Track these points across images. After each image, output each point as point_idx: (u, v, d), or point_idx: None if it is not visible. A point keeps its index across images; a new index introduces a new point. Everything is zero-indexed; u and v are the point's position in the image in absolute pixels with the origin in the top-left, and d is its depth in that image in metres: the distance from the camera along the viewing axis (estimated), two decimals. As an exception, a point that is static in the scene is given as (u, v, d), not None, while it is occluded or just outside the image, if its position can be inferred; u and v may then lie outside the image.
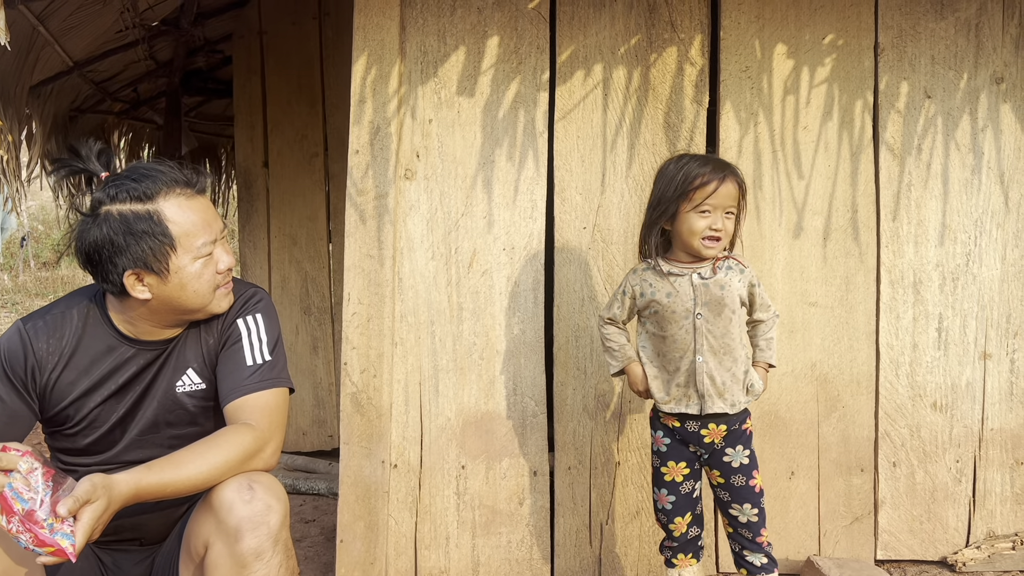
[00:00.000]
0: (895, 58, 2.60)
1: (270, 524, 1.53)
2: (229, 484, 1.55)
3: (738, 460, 2.03)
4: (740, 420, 2.04)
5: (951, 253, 2.62)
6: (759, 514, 2.05)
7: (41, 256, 12.99)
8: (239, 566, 1.51)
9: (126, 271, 1.61)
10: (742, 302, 2.03)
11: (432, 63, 2.51)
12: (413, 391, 2.51)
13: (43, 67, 3.52)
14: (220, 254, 1.69)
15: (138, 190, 1.60)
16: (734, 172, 2.02)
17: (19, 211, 3.71)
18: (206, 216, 1.66)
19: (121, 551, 1.79)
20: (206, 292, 1.68)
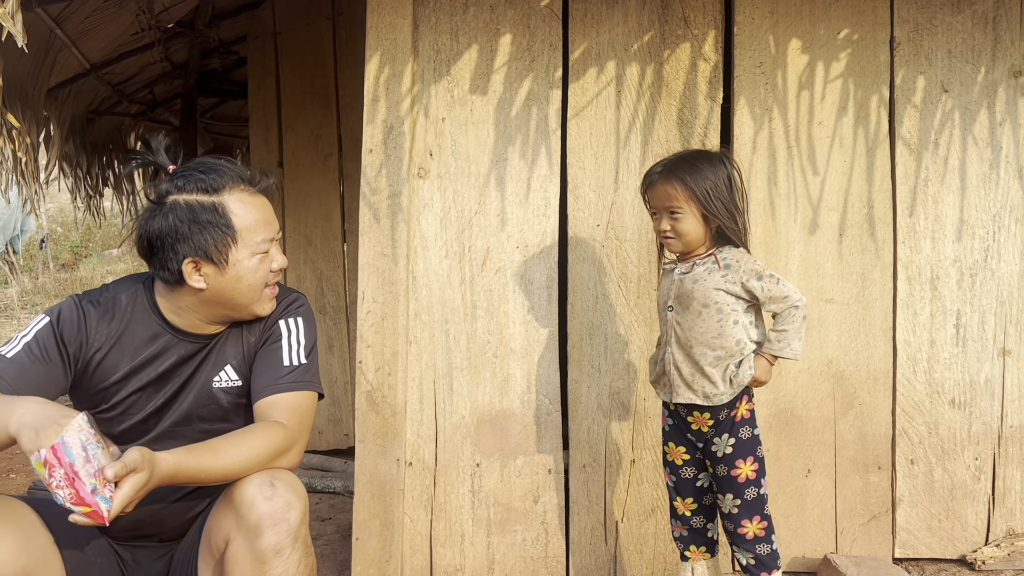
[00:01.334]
0: (911, 52, 2.58)
1: (290, 521, 1.55)
2: (251, 480, 1.56)
3: (722, 449, 2.02)
4: (728, 409, 2.01)
5: (969, 249, 2.60)
6: (741, 505, 2.01)
7: (60, 258, 13.11)
8: (259, 562, 1.53)
9: (186, 259, 1.65)
10: (739, 297, 1.99)
11: (445, 61, 2.51)
12: (428, 389, 2.52)
13: (60, 69, 3.56)
14: (275, 253, 1.74)
15: (205, 182, 1.66)
16: (669, 172, 1.99)
17: (38, 213, 3.75)
18: (266, 214, 1.72)
19: (140, 547, 1.80)
20: (258, 288, 1.72)
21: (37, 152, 3.49)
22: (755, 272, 1.98)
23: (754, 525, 2.02)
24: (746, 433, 2.02)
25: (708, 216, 1.98)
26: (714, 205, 1.96)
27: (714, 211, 1.97)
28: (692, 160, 2.01)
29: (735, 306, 1.99)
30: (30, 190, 3.33)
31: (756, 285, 1.97)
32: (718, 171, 1.99)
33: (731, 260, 2.00)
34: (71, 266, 13.00)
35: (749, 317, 2.02)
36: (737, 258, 2.00)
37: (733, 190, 2.00)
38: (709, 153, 2.07)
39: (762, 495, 2.02)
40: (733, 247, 2.03)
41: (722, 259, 2.00)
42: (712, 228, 2.01)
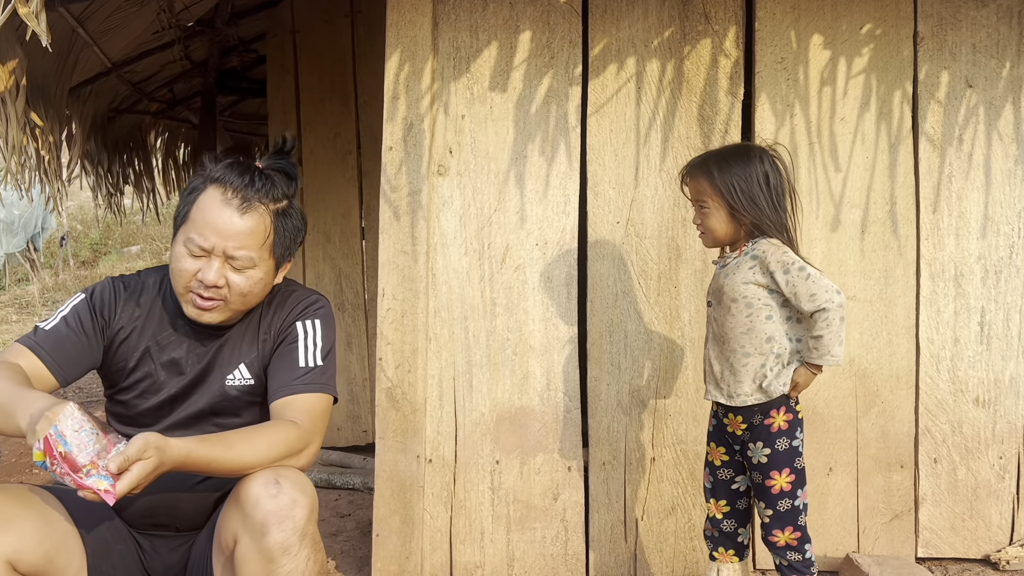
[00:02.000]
0: (935, 47, 2.55)
1: (295, 518, 1.53)
2: (256, 478, 1.56)
3: (757, 457, 1.98)
4: (762, 415, 1.96)
5: (994, 245, 2.57)
6: (773, 516, 1.98)
7: (80, 255, 13.23)
8: (267, 561, 1.52)
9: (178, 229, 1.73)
10: (772, 290, 1.91)
11: (465, 59, 2.51)
12: (447, 386, 2.52)
13: (82, 68, 3.58)
14: (208, 266, 1.67)
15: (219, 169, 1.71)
16: (698, 166, 1.98)
17: (60, 211, 3.77)
18: (218, 226, 1.66)
19: (158, 536, 1.82)
20: (177, 278, 1.70)
21: (60, 150, 3.52)
22: (782, 264, 1.89)
23: (785, 535, 1.98)
24: (783, 444, 1.96)
25: (735, 213, 1.94)
26: (740, 202, 1.91)
27: (740, 208, 1.92)
28: (726, 155, 1.98)
29: (768, 300, 1.93)
30: (53, 188, 3.36)
31: (782, 279, 1.89)
32: (751, 168, 1.92)
33: (759, 251, 1.93)
34: (91, 263, 13.12)
35: (786, 312, 1.95)
36: (765, 248, 1.92)
37: (770, 188, 1.93)
38: (749, 148, 1.99)
39: (796, 507, 1.97)
40: (766, 238, 1.94)
41: (751, 250, 1.95)
42: (743, 225, 1.95)
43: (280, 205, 1.75)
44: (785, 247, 1.93)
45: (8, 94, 2.53)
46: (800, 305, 1.89)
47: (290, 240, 1.79)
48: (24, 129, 2.80)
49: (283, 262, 1.80)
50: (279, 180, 1.76)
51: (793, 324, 1.96)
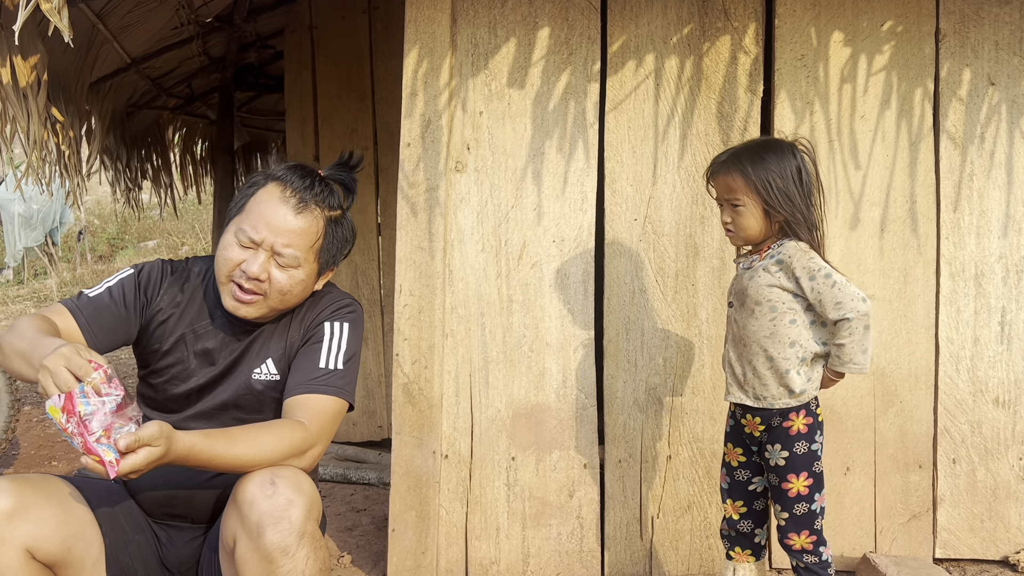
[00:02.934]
0: (957, 44, 2.53)
1: (292, 518, 1.52)
2: (253, 478, 1.54)
3: (775, 459, 1.94)
4: (781, 417, 1.93)
5: (1015, 244, 2.55)
6: (789, 519, 1.96)
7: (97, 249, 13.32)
8: (266, 561, 1.51)
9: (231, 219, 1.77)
10: (797, 295, 1.89)
11: (483, 55, 2.51)
12: (463, 382, 2.53)
13: (102, 64, 3.61)
14: (251, 254, 1.69)
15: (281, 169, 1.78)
16: (731, 162, 1.91)
17: (79, 205, 3.80)
18: (271, 220, 1.70)
19: (174, 527, 1.83)
20: (221, 269, 1.72)
21: (79, 145, 3.54)
22: (808, 270, 1.85)
23: (801, 539, 1.96)
24: (801, 448, 1.92)
25: (770, 210, 1.89)
26: (776, 198, 1.86)
27: (776, 205, 1.86)
28: (758, 150, 1.92)
29: (792, 304, 1.89)
30: (73, 182, 3.38)
31: (807, 285, 1.85)
32: (785, 162, 1.88)
33: (785, 255, 1.88)
34: (108, 257, 13.21)
35: (810, 316, 1.91)
36: (791, 253, 1.87)
37: (802, 183, 1.89)
38: (779, 142, 1.93)
39: (812, 511, 1.94)
40: (793, 241, 1.90)
41: (777, 253, 1.90)
42: (776, 223, 1.91)
43: (335, 213, 1.79)
44: (812, 252, 1.88)
45: (30, 89, 2.55)
46: (825, 312, 1.86)
47: (337, 249, 1.82)
48: (45, 124, 2.83)
49: (326, 269, 1.83)
50: (337, 190, 1.81)
51: (818, 328, 1.92)
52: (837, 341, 1.86)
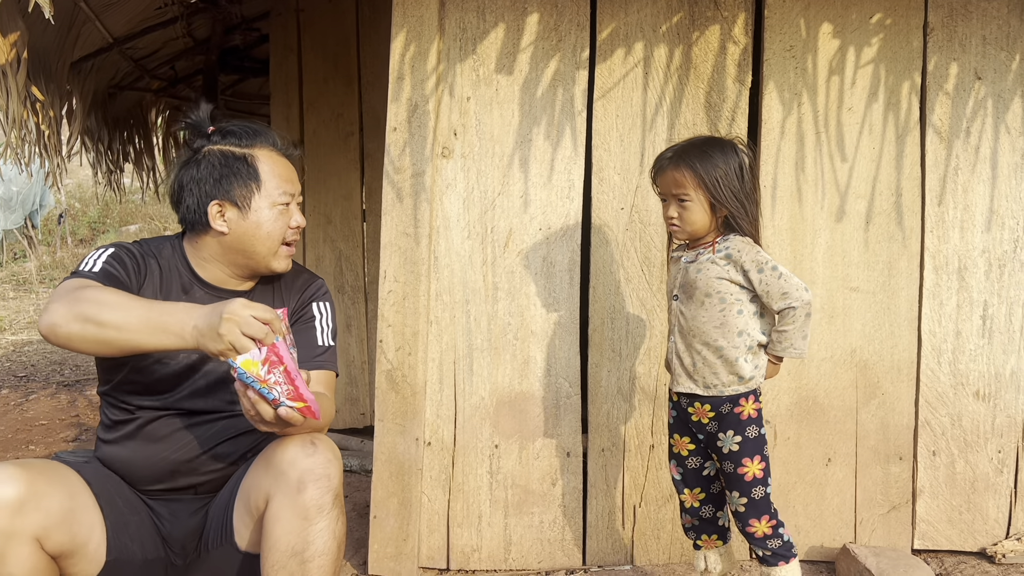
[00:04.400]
0: (945, 38, 2.53)
1: (331, 477, 1.60)
2: (292, 441, 1.61)
3: (728, 446, 1.98)
4: (731, 404, 1.97)
5: (998, 239, 2.56)
6: (748, 504, 1.99)
7: (78, 233, 13.19)
8: (301, 518, 1.57)
9: (212, 201, 1.77)
10: (743, 286, 1.95)
11: (471, 40, 2.49)
12: (447, 370, 2.51)
13: (84, 43, 3.55)
14: (295, 211, 1.84)
15: (239, 137, 1.81)
16: (679, 158, 1.96)
17: (59, 187, 3.75)
18: (289, 174, 1.84)
19: (176, 500, 1.82)
20: (275, 240, 1.81)
21: (60, 125, 3.49)
22: (757, 263, 1.93)
23: (762, 524, 1.99)
24: (753, 432, 1.99)
25: (716, 205, 1.94)
26: (723, 193, 1.93)
27: (723, 200, 1.93)
28: (703, 146, 1.97)
29: (739, 295, 1.96)
30: (52, 163, 3.33)
31: (756, 277, 1.93)
32: (729, 158, 1.94)
33: (733, 250, 1.95)
34: (89, 241, 13.07)
35: (755, 307, 1.98)
36: (739, 247, 1.95)
37: (744, 179, 1.95)
38: (721, 140, 2.01)
39: (768, 493, 2.01)
40: (738, 235, 1.97)
41: (724, 248, 1.96)
42: (719, 217, 1.97)
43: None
44: (757, 246, 1.97)
45: (9, 67, 2.50)
46: (771, 303, 1.94)
47: None
48: (25, 103, 2.78)
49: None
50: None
51: (760, 318, 1.99)
52: (780, 328, 1.95)
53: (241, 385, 1.49)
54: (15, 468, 1.52)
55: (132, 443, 1.78)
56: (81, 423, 4.29)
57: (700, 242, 2.01)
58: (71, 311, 1.53)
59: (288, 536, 1.58)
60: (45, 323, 1.53)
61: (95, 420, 4.32)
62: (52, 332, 1.52)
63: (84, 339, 1.52)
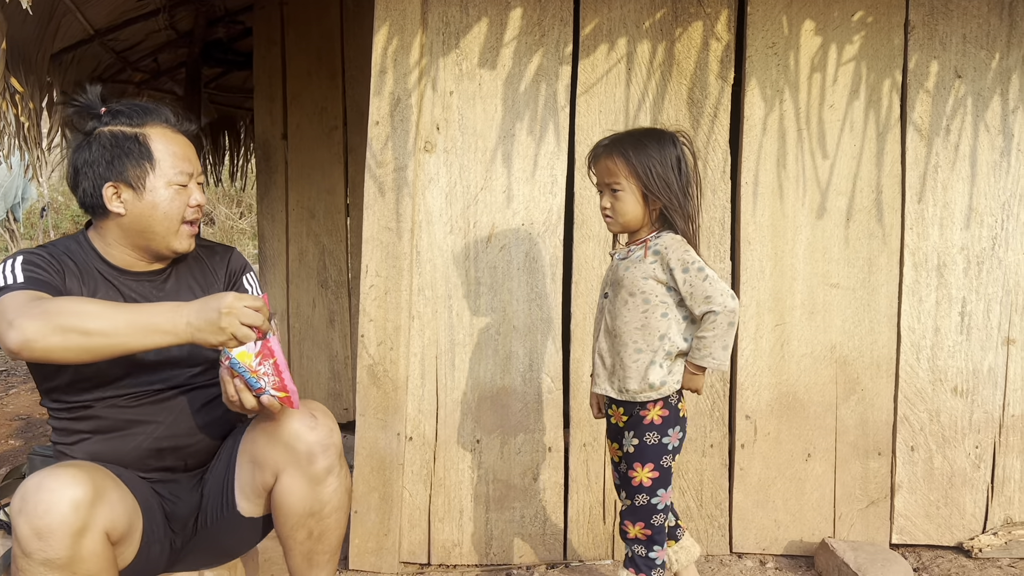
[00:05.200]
0: (925, 36, 2.55)
1: (336, 443, 1.76)
2: (293, 416, 1.72)
3: (627, 446, 1.95)
4: (640, 407, 1.93)
5: (977, 236, 2.58)
6: (628, 507, 1.97)
7: (60, 227, 13.07)
8: (314, 484, 1.73)
9: (107, 183, 1.75)
10: (671, 288, 1.89)
11: (454, 34, 2.48)
12: (429, 365, 2.51)
13: (64, 35, 3.52)
14: (194, 189, 1.82)
15: (130, 117, 1.78)
16: (612, 146, 1.91)
17: (39, 179, 3.72)
18: (186, 152, 1.81)
19: (171, 481, 1.84)
20: (174, 219, 1.79)
21: (40, 117, 3.45)
22: (683, 262, 1.86)
23: (636, 529, 1.96)
24: (652, 439, 1.93)
25: (649, 196, 1.89)
26: (655, 183, 1.87)
27: (655, 190, 1.87)
28: (640, 136, 1.93)
29: (665, 297, 1.90)
30: (32, 156, 3.30)
31: (680, 277, 1.86)
32: (666, 150, 1.89)
33: (661, 246, 1.89)
34: (72, 235, 12.97)
35: (682, 312, 1.92)
36: (668, 244, 1.89)
37: (681, 173, 1.90)
38: (661, 132, 1.94)
39: (652, 504, 1.94)
40: (672, 233, 1.91)
41: (654, 245, 1.90)
42: (653, 211, 1.91)
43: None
44: (688, 246, 1.89)
45: (-13, 58, 2.47)
46: (694, 305, 1.87)
47: None
48: (3, 94, 2.75)
49: None
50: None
51: (688, 324, 1.93)
52: (700, 334, 1.87)
53: (228, 373, 1.61)
54: (76, 470, 1.55)
55: (105, 435, 1.78)
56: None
57: (635, 239, 1.96)
58: (46, 325, 1.52)
59: (304, 502, 1.74)
60: (16, 339, 1.52)
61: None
62: (27, 347, 1.53)
63: (67, 349, 1.54)
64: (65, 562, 1.48)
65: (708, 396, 2.58)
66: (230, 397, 1.65)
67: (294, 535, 1.78)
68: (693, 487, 2.59)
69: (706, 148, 2.54)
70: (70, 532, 1.48)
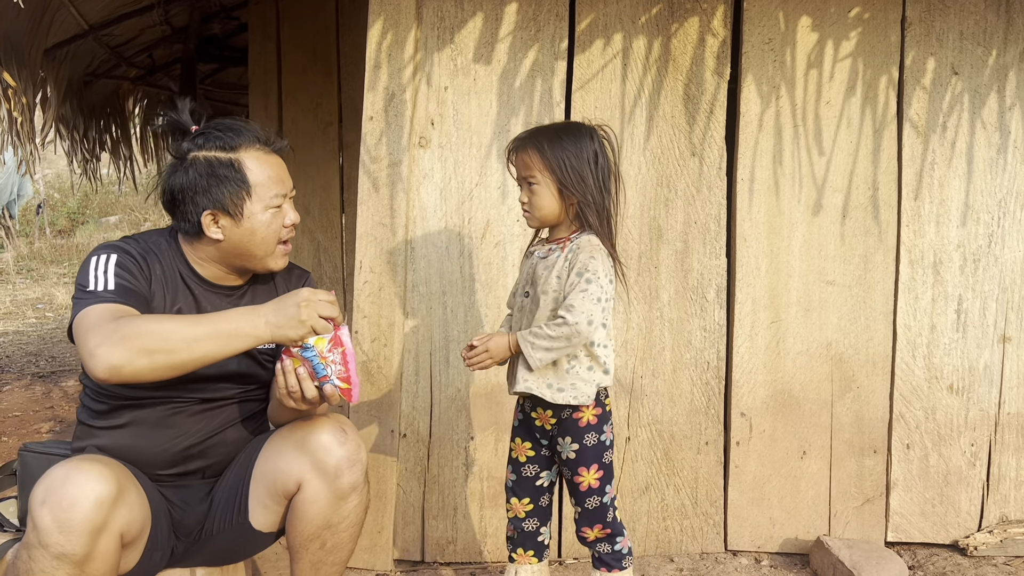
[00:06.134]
0: (922, 33, 2.54)
1: (362, 460, 1.76)
2: (323, 427, 1.73)
3: (566, 452, 1.91)
4: (571, 410, 1.89)
5: (973, 234, 2.57)
6: (581, 513, 1.94)
7: (57, 224, 13.05)
8: (338, 499, 1.73)
9: (205, 211, 1.75)
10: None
11: (449, 29, 2.47)
12: (423, 361, 2.50)
13: (58, 29, 3.50)
14: (288, 209, 1.83)
15: (223, 140, 1.76)
16: (528, 139, 1.87)
17: (32, 174, 3.70)
18: (280, 173, 1.81)
19: (185, 487, 1.83)
20: (271, 242, 1.80)
21: (33, 112, 3.44)
22: (582, 266, 1.81)
23: (594, 532, 1.95)
24: (591, 440, 1.90)
25: (563, 190, 1.85)
26: (569, 177, 1.83)
27: (569, 184, 1.83)
28: (557, 130, 1.90)
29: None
30: (26, 151, 3.29)
31: (572, 279, 1.81)
32: (582, 144, 1.85)
33: (576, 246, 1.85)
34: (68, 232, 12.95)
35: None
36: (582, 245, 1.84)
37: (598, 167, 1.86)
38: (580, 126, 1.90)
39: (604, 503, 1.93)
40: (590, 234, 1.87)
41: (572, 245, 1.86)
42: (571, 207, 1.87)
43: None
44: (598, 252, 1.84)
45: (-21, 51, 2.46)
46: (560, 304, 1.82)
47: None
48: (-4, 89, 2.74)
49: None
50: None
51: (599, 329, 1.86)
52: (543, 327, 1.82)
53: (291, 362, 1.64)
54: (103, 466, 1.54)
55: (141, 430, 1.77)
56: (56, 415, 4.24)
57: (556, 237, 1.93)
58: (130, 348, 1.53)
59: (324, 514, 1.73)
60: (102, 367, 1.52)
61: (70, 412, 4.28)
62: (115, 374, 1.53)
63: (155, 370, 1.56)
64: (80, 559, 1.47)
65: (703, 393, 2.57)
66: (290, 388, 1.64)
67: (308, 545, 1.77)
68: (688, 484, 2.58)
69: (702, 144, 2.53)
70: (91, 528, 1.47)
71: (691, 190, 2.54)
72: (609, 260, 1.86)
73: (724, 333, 2.57)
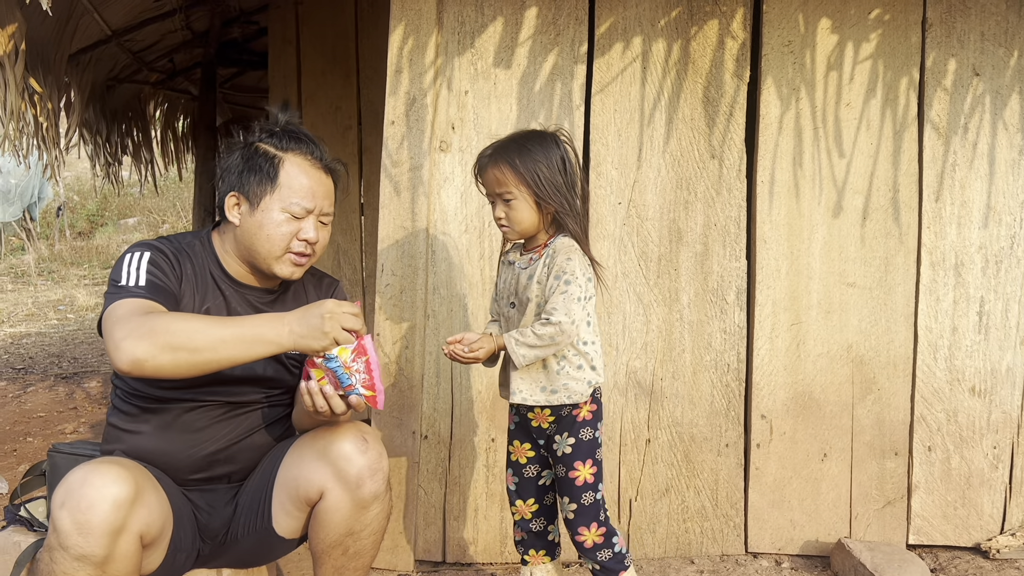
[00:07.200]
0: (943, 34, 2.53)
1: (384, 469, 1.75)
2: (345, 436, 1.72)
3: (562, 448, 1.93)
4: (570, 407, 1.92)
5: (995, 236, 2.56)
6: (577, 511, 1.93)
7: (76, 226, 13.18)
8: (360, 508, 1.73)
9: (231, 191, 1.79)
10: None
11: (469, 34, 2.49)
12: (444, 364, 2.52)
13: (82, 35, 3.55)
14: (308, 225, 1.80)
15: (280, 140, 1.81)
16: (497, 155, 1.88)
17: (57, 179, 3.75)
18: (315, 188, 1.80)
19: (211, 490, 1.85)
20: (276, 244, 1.78)
21: (57, 118, 3.49)
22: (560, 268, 1.83)
23: (592, 533, 1.94)
24: (587, 434, 1.93)
25: (541, 201, 1.86)
26: (545, 189, 1.84)
27: (546, 196, 1.84)
28: (523, 141, 1.89)
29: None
30: (50, 155, 3.33)
31: (551, 283, 1.83)
32: (550, 152, 1.86)
33: (551, 251, 1.87)
34: (87, 234, 13.07)
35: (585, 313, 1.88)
36: (558, 248, 1.86)
37: (567, 172, 1.87)
38: (542, 133, 1.91)
39: (598, 500, 1.94)
40: (566, 236, 1.88)
41: (549, 251, 1.88)
42: (548, 215, 1.88)
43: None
44: (575, 254, 1.85)
45: (7, 58, 2.50)
46: (543, 307, 1.85)
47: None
48: (23, 95, 2.78)
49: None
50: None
51: (584, 326, 1.89)
52: (530, 327, 1.84)
53: (316, 381, 1.65)
54: (120, 468, 1.56)
55: (169, 434, 1.79)
56: (79, 415, 4.29)
57: (533, 244, 1.93)
58: (154, 343, 1.55)
59: (346, 522, 1.74)
60: (126, 359, 1.54)
61: (93, 412, 4.33)
62: (138, 367, 1.55)
63: (177, 367, 1.57)
64: (100, 560, 1.49)
65: (723, 395, 2.57)
66: (319, 408, 1.66)
67: (330, 552, 1.78)
68: (708, 487, 2.59)
69: (722, 146, 2.54)
70: (109, 530, 1.49)
71: (711, 192, 2.55)
72: (586, 259, 1.89)
73: (744, 335, 2.57)
